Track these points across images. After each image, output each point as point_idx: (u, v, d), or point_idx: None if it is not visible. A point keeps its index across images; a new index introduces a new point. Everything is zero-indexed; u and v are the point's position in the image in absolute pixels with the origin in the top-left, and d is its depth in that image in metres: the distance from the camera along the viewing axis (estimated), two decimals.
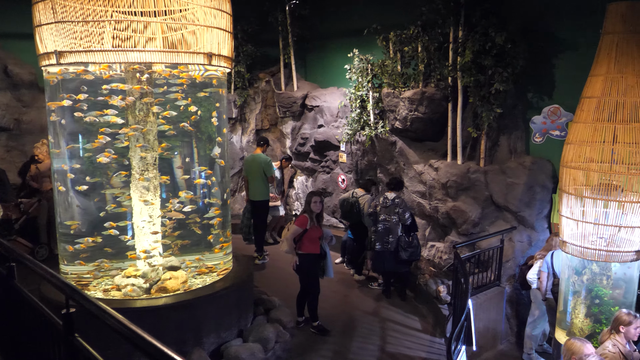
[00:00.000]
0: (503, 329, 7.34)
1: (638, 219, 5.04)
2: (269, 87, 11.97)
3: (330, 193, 10.93)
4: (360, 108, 9.61)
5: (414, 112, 8.48)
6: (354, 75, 9.54)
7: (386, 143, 9.27)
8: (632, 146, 5.00)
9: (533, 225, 7.62)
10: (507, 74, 7.38)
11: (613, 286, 5.32)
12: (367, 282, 8.46)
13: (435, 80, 8.38)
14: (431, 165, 8.48)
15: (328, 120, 10.76)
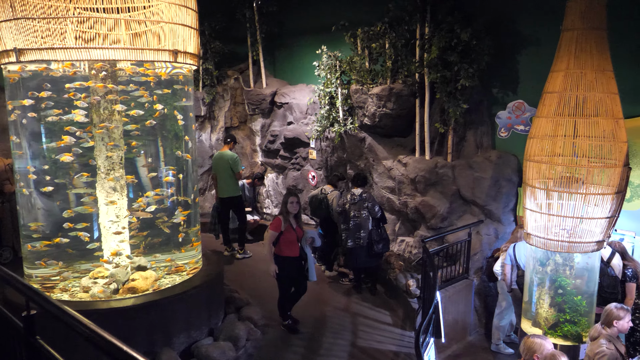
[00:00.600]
0: (472, 320, 7.46)
1: (599, 210, 5.17)
2: (238, 85, 11.90)
3: (301, 190, 10.93)
4: (329, 105, 9.63)
5: (382, 108, 8.54)
6: (322, 72, 9.55)
7: (355, 139, 9.32)
8: (592, 139, 5.13)
9: (499, 218, 7.77)
10: (473, 70, 7.49)
11: (575, 276, 5.46)
12: (338, 277, 8.51)
13: (403, 76, 8.45)
14: (400, 161, 8.55)
15: (297, 117, 10.75)
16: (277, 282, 6.55)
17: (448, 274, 7.28)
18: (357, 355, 6.18)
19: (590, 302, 5.45)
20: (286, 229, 6.33)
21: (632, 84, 6.43)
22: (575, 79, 5.10)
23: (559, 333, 5.49)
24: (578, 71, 5.10)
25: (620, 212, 5.30)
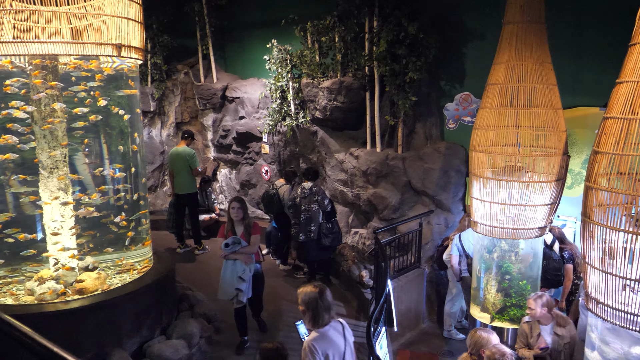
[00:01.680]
0: (424, 308, 7.63)
1: (541, 197, 5.37)
2: (188, 79, 11.71)
3: (254, 185, 10.88)
4: (280, 99, 9.61)
5: (333, 101, 8.58)
6: (273, 65, 9.51)
7: (307, 133, 9.33)
8: (533, 129, 5.31)
9: (449, 208, 7.95)
10: (421, 63, 7.62)
11: (521, 262, 5.66)
12: (292, 271, 8.53)
13: (353, 69, 8.51)
14: (352, 154, 8.63)
15: (249, 112, 10.68)
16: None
17: (400, 264, 7.41)
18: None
19: (535, 286, 5.65)
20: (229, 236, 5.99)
21: (570, 75, 6.68)
22: (517, 71, 5.26)
23: (506, 317, 5.68)
24: (519, 63, 5.25)
25: (561, 198, 5.51)
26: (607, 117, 3.49)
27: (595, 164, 3.50)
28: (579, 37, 6.75)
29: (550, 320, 4.71)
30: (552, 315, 4.71)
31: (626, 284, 3.48)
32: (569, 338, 4.62)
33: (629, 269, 3.40)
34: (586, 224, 3.59)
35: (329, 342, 3.68)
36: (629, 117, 3.28)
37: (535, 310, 4.66)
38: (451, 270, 6.93)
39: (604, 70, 6.43)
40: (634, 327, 3.39)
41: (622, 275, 3.42)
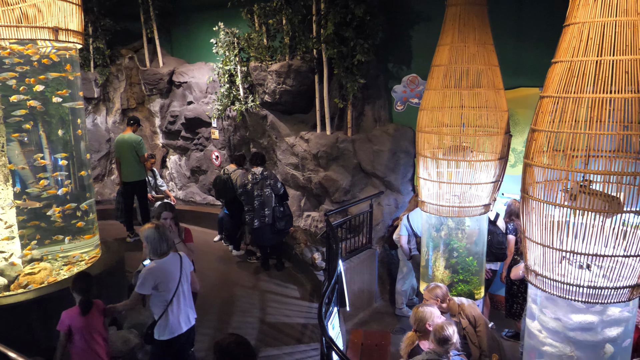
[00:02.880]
0: (377, 288, 7.77)
1: (485, 176, 5.52)
2: (133, 64, 11.38)
3: (205, 171, 10.75)
4: (229, 83, 9.49)
5: (282, 85, 8.53)
6: (220, 49, 9.37)
7: (257, 117, 9.26)
8: (477, 110, 5.44)
9: (399, 188, 8.09)
10: (368, 45, 7.65)
11: (466, 239, 5.82)
12: (245, 256, 8.50)
13: (301, 52, 8.47)
14: (302, 137, 8.62)
15: (197, 97, 10.50)
16: None
17: (352, 245, 7.50)
18: (266, 331, 6.24)
19: (480, 262, 5.84)
20: None
21: (512, 57, 6.86)
22: (460, 52, 5.35)
23: (454, 293, 5.84)
24: (462, 45, 5.35)
25: (504, 176, 5.69)
26: (543, 96, 3.61)
27: (533, 141, 3.63)
28: (520, 19, 6.93)
29: (446, 310, 4.81)
30: (447, 305, 4.77)
31: (563, 256, 3.64)
32: (467, 321, 4.74)
33: (566, 241, 3.56)
34: (525, 199, 3.72)
35: (165, 271, 4.41)
36: (563, 95, 3.41)
37: (430, 302, 4.73)
38: (401, 250, 7.07)
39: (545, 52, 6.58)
40: (571, 296, 3.56)
41: (559, 248, 3.57)
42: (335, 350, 4.12)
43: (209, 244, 9.17)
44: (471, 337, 4.63)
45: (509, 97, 5.90)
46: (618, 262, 3.44)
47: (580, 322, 3.67)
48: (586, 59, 3.27)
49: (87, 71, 10.67)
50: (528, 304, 4.11)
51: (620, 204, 3.36)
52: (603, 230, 3.41)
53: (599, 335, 3.69)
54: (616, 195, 3.39)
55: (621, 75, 3.17)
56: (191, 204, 10.94)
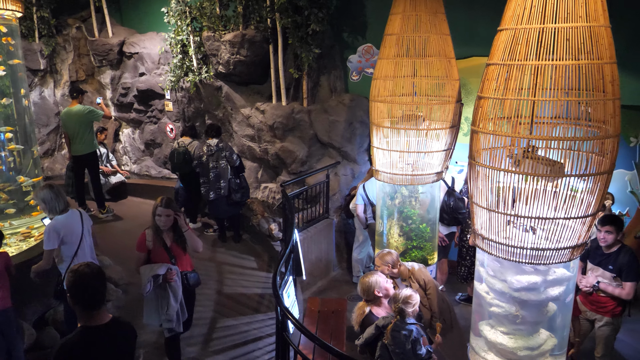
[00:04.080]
0: (334, 257, 7.88)
1: (437, 144, 5.61)
2: (81, 34, 10.95)
3: (160, 144, 10.54)
4: (182, 53, 9.26)
5: (236, 55, 8.39)
6: (172, 19, 9.11)
7: (212, 88, 9.10)
8: (429, 79, 5.49)
9: (355, 158, 8.14)
10: (322, 14, 7.59)
11: (420, 206, 5.94)
12: (202, 229, 8.45)
13: (255, 22, 8.32)
14: (257, 108, 8.54)
15: (150, 68, 10.22)
16: None
17: (310, 215, 7.55)
18: (223, 302, 6.27)
19: (433, 229, 5.98)
20: (155, 248, 4.70)
21: (464, 26, 6.93)
22: (412, 22, 5.36)
23: (408, 259, 5.97)
24: (414, 14, 5.35)
25: (456, 144, 5.79)
26: (489, 64, 3.67)
27: (479, 108, 3.69)
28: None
29: (397, 275, 4.94)
30: (398, 270, 4.88)
31: (509, 220, 3.76)
32: (417, 285, 4.88)
33: (512, 206, 3.67)
34: (472, 165, 3.80)
35: (67, 225, 4.71)
36: (508, 63, 3.47)
37: (381, 267, 4.85)
38: (358, 219, 7.16)
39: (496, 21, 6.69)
40: (515, 258, 3.69)
41: (505, 212, 3.69)
42: (290, 319, 4.18)
43: None
44: (422, 300, 4.76)
45: (461, 67, 5.98)
46: (560, 224, 3.57)
47: (524, 283, 3.81)
48: (530, 27, 3.33)
49: (31, 42, 10.22)
50: (476, 268, 4.25)
51: (562, 168, 3.47)
52: (546, 194, 3.53)
53: (543, 294, 3.85)
54: (558, 160, 3.50)
55: (563, 43, 3.25)
56: (146, 178, 10.75)
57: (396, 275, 4.86)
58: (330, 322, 5.85)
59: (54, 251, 4.69)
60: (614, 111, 3.34)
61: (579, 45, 3.22)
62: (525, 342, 3.92)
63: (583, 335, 5.29)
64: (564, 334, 4.09)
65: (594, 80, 3.25)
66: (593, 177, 3.39)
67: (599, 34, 3.23)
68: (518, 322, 3.90)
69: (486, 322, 4.16)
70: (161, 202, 4.71)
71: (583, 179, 3.40)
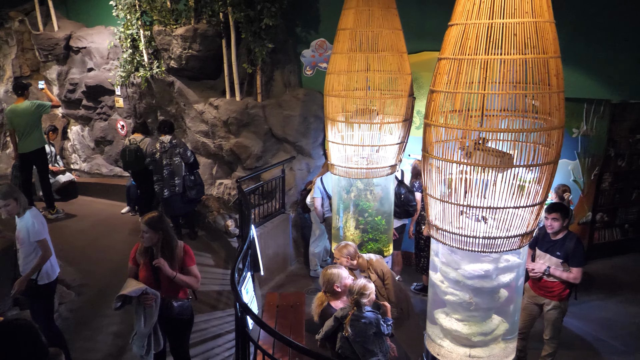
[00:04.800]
0: (291, 251, 7.90)
1: (391, 138, 5.70)
2: (25, 28, 10.52)
3: (111, 141, 10.28)
4: (132, 48, 9.04)
5: (188, 50, 8.26)
6: (121, 12, 8.87)
7: (163, 84, 8.94)
8: (382, 73, 5.57)
9: (310, 153, 8.17)
10: (275, 8, 7.56)
11: (375, 199, 6.02)
12: None
13: (207, 16, 8.19)
14: (211, 104, 8.44)
15: (98, 63, 9.93)
16: None
17: (266, 211, 7.54)
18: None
19: (388, 221, 6.08)
20: (143, 264, 4.31)
21: (415, 21, 7.05)
22: (365, 16, 5.42)
23: (364, 251, 6.05)
24: (366, 9, 5.41)
25: (409, 138, 5.90)
26: (441, 58, 3.76)
27: (432, 102, 3.78)
28: None
29: (356, 267, 5.03)
30: (357, 262, 4.96)
31: (462, 211, 3.86)
32: (376, 276, 4.98)
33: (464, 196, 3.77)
34: (426, 158, 3.89)
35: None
36: (459, 57, 3.56)
37: (341, 260, 4.92)
38: (314, 213, 7.20)
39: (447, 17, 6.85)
40: (468, 247, 3.80)
41: (458, 203, 3.79)
42: (249, 314, 4.17)
43: (117, 216, 8.85)
44: (380, 290, 4.84)
45: (412, 61, 6.08)
46: (510, 213, 3.70)
47: (477, 271, 3.94)
48: (479, 22, 3.42)
49: None
50: (431, 257, 4.35)
51: (511, 159, 3.60)
52: (496, 184, 3.65)
53: (494, 281, 3.98)
54: (508, 152, 3.62)
55: (510, 38, 3.36)
56: (97, 176, 10.47)
57: (355, 267, 4.93)
58: (289, 316, 5.87)
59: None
60: (559, 103, 3.48)
61: (525, 40, 3.34)
62: (479, 327, 4.05)
63: (532, 319, 5.50)
64: (515, 318, 4.25)
65: (540, 74, 3.37)
66: (540, 167, 3.53)
67: (544, 29, 3.35)
68: (472, 309, 4.02)
69: (441, 310, 4.28)
70: (143, 218, 4.26)
71: (531, 169, 3.53)
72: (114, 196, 9.55)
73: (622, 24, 6.22)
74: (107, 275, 6.63)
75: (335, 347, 4.25)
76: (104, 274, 6.64)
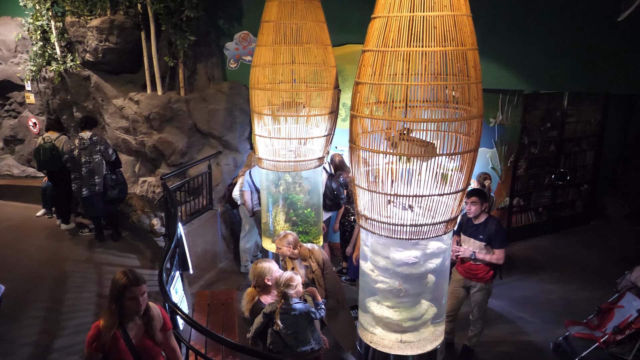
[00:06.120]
0: (220, 248, 7.78)
1: (317, 130, 5.72)
2: None
3: (22, 140, 9.68)
4: (42, 40, 8.54)
5: (104, 42, 7.89)
6: (29, 2, 8.35)
7: (79, 78, 8.50)
8: (307, 66, 5.56)
9: (237, 147, 8.06)
10: (197, 0, 7.36)
11: (304, 192, 6.03)
12: (77, 230, 7.91)
13: (125, 7, 7.85)
14: (131, 99, 8.11)
15: (5, 57, 9.32)
16: None
17: (193, 208, 7.37)
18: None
19: (318, 213, 6.11)
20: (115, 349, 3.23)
21: (338, 14, 7.09)
22: (288, 9, 5.38)
23: None
24: (289, 1, 5.37)
25: (335, 130, 5.94)
26: (365, 50, 3.80)
27: (357, 94, 3.81)
28: None
29: (298, 256, 5.09)
30: (298, 250, 4.96)
31: (389, 200, 3.94)
32: (316, 266, 5.06)
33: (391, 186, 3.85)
34: (353, 149, 3.93)
35: None
36: (382, 49, 3.61)
37: (282, 250, 4.92)
38: (243, 207, 7.12)
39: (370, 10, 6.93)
40: (396, 235, 3.88)
41: (385, 192, 3.86)
42: (179, 314, 4.07)
43: (32, 220, 8.37)
44: (319, 279, 4.88)
45: (337, 54, 6.12)
46: (435, 200, 3.81)
47: (405, 258, 4.03)
48: (400, 15, 3.48)
49: None
50: (360, 247, 4.41)
51: (434, 148, 3.70)
52: (421, 173, 3.75)
53: (422, 267, 4.10)
54: (431, 141, 3.73)
55: (430, 31, 3.44)
56: (7, 178, 9.83)
57: (296, 256, 4.93)
58: (221, 314, 5.78)
59: None
60: (477, 94, 3.61)
61: (444, 32, 3.43)
62: (409, 313, 4.16)
63: (460, 302, 5.73)
64: (442, 302, 4.40)
65: (459, 65, 3.49)
66: (462, 155, 3.65)
67: (462, 22, 3.47)
68: (402, 296, 4.12)
69: (372, 299, 4.36)
70: (130, 280, 3.22)
71: (453, 157, 3.65)
72: (27, 198, 9.01)
73: (532, 18, 6.55)
74: (23, 284, 6.27)
75: (266, 343, 4.24)
76: (19, 283, 6.26)
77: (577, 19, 6.20)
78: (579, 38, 6.24)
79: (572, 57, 6.40)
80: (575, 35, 6.27)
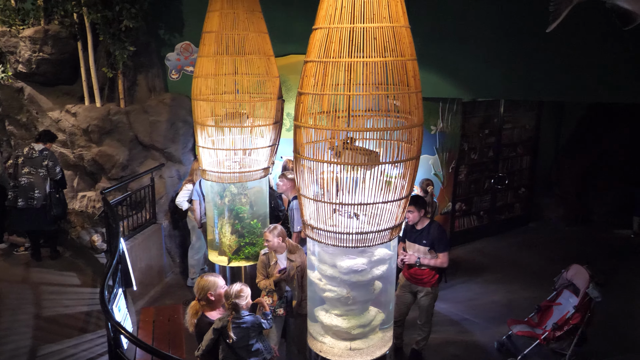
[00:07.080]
0: (165, 262, 7.61)
1: (262, 140, 5.71)
2: None
3: None
4: None
5: (38, 53, 7.61)
6: None
7: (11, 90, 8.15)
8: (250, 76, 5.55)
9: (180, 159, 7.92)
10: (136, 10, 7.23)
11: (250, 203, 5.99)
12: (11, 249, 7.55)
13: (60, 16, 7.61)
14: (68, 111, 7.84)
15: None
16: None
17: (136, 222, 7.18)
18: (43, 327, 5.68)
19: (265, 224, 6.07)
20: None
21: (281, 25, 7.12)
22: (230, 19, 5.37)
23: (242, 256, 6.01)
24: (231, 11, 5.36)
25: (280, 140, 5.94)
26: (307, 61, 3.82)
27: (301, 104, 3.83)
28: None
29: (284, 248, 5.09)
30: (286, 244, 5.09)
31: (335, 209, 3.97)
32: (300, 262, 5.09)
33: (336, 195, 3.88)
34: (298, 159, 3.94)
35: None
36: (324, 60, 3.65)
37: (272, 242, 4.97)
38: (191, 219, 7.01)
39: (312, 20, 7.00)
40: (342, 244, 3.91)
41: (330, 201, 3.88)
42: (123, 333, 3.94)
43: None
44: (298, 279, 4.91)
45: (280, 64, 6.13)
46: (379, 208, 3.87)
47: (352, 266, 4.06)
48: (341, 26, 3.53)
49: None
50: (308, 257, 4.42)
51: (378, 156, 3.76)
52: (365, 181, 3.80)
53: (369, 274, 4.14)
54: (374, 150, 3.79)
55: (370, 42, 3.51)
56: None
57: (284, 249, 5.02)
58: (166, 329, 5.63)
59: None
60: (417, 103, 3.70)
61: (385, 43, 3.51)
62: (358, 320, 4.19)
63: (407, 307, 5.82)
64: (390, 308, 4.46)
65: (399, 75, 3.57)
66: (404, 163, 3.73)
67: (401, 33, 3.55)
68: (350, 303, 4.15)
69: (321, 307, 4.36)
70: None
71: (396, 165, 3.72)
72: None
73: (468, 29, 6.79)
74: None
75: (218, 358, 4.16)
76: None
77: (511, 30, 6.47)
78: (512, 48, 6.52)
79: (507, 67, 6.68)
80: (509, 45, 6.54)
